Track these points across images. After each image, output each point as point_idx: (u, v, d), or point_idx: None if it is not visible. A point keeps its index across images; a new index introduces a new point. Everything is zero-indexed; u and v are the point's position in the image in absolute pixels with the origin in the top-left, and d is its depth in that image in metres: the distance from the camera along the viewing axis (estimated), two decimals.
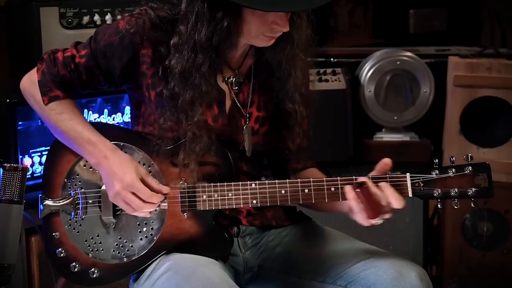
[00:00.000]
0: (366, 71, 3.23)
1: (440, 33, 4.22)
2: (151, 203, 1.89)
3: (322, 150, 2.19)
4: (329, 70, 3.19)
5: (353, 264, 1.93)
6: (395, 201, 1.83)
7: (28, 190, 1.98)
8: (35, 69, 2.01)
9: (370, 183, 1.83)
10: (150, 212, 1.92)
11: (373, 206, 1.82)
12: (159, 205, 1.92)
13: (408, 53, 3.25)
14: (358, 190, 1.82)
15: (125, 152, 1.95)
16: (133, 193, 1.88)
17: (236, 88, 2.00)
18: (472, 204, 1.87)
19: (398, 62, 3.22)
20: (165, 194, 1.91)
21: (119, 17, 1.98)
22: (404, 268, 1.88)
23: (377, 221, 1.84)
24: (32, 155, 2.62)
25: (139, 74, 1.93)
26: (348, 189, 1.84)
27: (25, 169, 1.93)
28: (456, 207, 1.87)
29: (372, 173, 1.87)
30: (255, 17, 1.82)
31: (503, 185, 3.03)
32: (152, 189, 1.89)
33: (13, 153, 2.55)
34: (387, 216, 1.85)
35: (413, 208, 3.10)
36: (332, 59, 3.35)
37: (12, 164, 1.93)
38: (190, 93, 1.86)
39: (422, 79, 3.21)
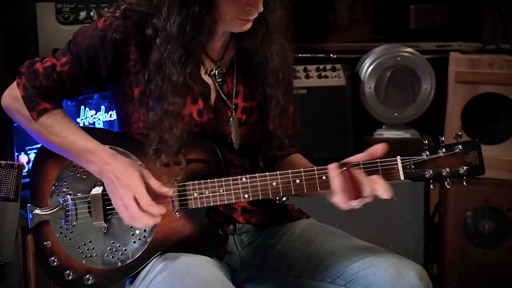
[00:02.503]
0: (366, 67, 3.22)
1: (441, 28, 4.21)
2: (148, 214, 1.84)
3: (321, 147, 2.17)
4: (328, 66, 3.19)
5: (352, 263, 1.92)
6: (383, 191, 1.79)
7: (24, 188, 1.96)
8: (14, 85, 1.97)
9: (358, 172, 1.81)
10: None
11: (355, 187, 1.79)
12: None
13: (409, 49, 3.24)
14: (341, 170, 1.81)
15: None
16: (135, 199, 1.84)
17: (220, 80, 1.98)
18: (464, 183, 1.85)
19: (398, 58, 3.21)
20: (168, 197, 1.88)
21: (96, 16, 1.94)
22: (404, 268, 1.87)
23: (357, 204, 1.81)
24: (28, 152, 2.61)
25: (123, 72, 1.91)
26: (332, 167, 1.82)
27: (21, 167, 1.91)
28: (448, 186, 1.86)
29: (361, 156, 1.84)
30: (227, 0, 1.81)
31: (505, 182, 3.03)
32: (155, 191, 1.86)
33: (9, 150, 2.53)
34: (367, 200, 1.81)
35: (414, 206, 3.09)
36: (331, 55, 3.34)
37: (8, 162, 1.91)
38: (165, 84, 1.85)
39: (423, 75, 3.21)
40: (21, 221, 2.30)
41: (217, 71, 1.98)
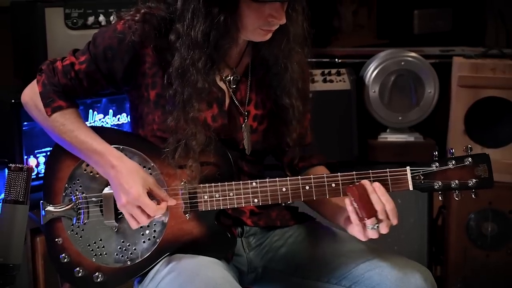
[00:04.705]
0: (371, 71, 3.22)
1: (444, 33, 4.22)
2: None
3: (327, 150, 2.18)
4: (333, 71, 3.19)
5: (358, 264, 1.94)
6: (387, 202, 1.83)
7: (33, 191, 1.96)
8: (35, 82, 2.01)
9: (367, 185, 1.84)
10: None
11: (365, 204, 1.82)
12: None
13: (413, 54, 3.24)
14: (349, 187, 1.84)
15: (125, 155, 1.94)
16: (139, 207, 1.87)
17: (234, 86, 2.00)
18: (472, 195, 1.87)
19: (402, 63, 3.21)
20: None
21: (116, 18, 1.97)
22: (409, 269, 1.89)
23: (374, 232, 1.84)
24: (37, 155, 2.62)
25: (139, 74, 1.93)
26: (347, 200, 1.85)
27: (30, 170, 1.92)
28: (457, 198, 1.88)
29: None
30: (252, 10, 1.83)
31: (507, 185, 3.04)
32: (160, 199, 1.89)
33: (18, 154, 2.55)
34: (383, 227, 1.85)
35: (418, 208, 3.10)
36: (336, 60, 3.34)
37: (17, 165, 1.92)
38: (187, 90, 1.87)
39: (426, 80, 3.21)
40: (30, 224, 2.33)
41: (232, 77, 1.99)
